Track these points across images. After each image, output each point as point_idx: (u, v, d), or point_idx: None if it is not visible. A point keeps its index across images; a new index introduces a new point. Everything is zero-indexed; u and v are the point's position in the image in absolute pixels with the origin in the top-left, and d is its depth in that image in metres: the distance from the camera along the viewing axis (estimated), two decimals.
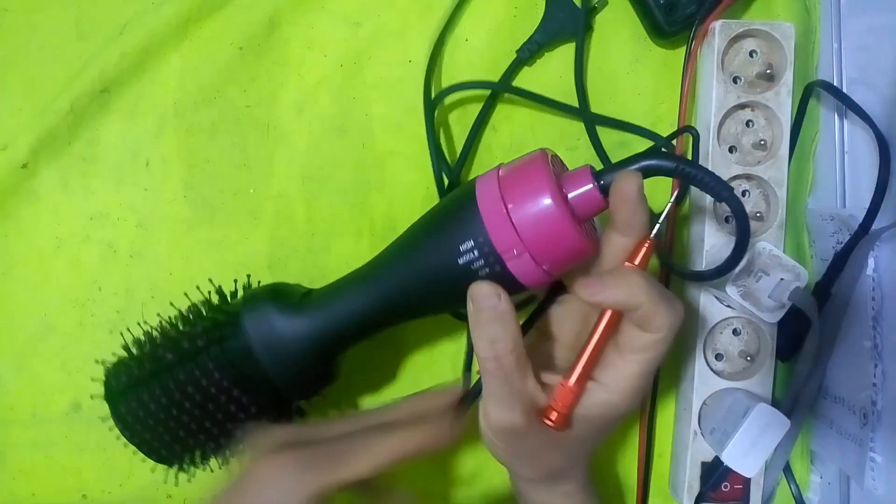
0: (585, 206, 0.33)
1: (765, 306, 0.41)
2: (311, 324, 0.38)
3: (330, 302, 0.39)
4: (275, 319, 0.38)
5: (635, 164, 0.33)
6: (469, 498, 0.50)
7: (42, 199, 0.47)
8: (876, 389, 0.43)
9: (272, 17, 0.48)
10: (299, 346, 0.38)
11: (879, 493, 0.43)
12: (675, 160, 0.33)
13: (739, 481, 0.46)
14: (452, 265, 0.35)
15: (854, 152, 0.48)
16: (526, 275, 0.34)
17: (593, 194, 0.33)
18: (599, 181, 0.33)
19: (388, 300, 0.38)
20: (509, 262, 0.34)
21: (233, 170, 0.48)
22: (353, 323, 0.38)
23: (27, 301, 0.47)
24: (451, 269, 0.35)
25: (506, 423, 0.34)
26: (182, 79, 0.48)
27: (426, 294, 0.37)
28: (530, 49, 0.48)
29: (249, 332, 0.38)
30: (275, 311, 0.38)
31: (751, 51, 0.46)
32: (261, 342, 0.38)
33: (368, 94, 0.49)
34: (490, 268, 0.34)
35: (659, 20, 0.47)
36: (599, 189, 0.33)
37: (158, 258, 0.48)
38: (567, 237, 0.33)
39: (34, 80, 0.47)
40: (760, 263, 0.41)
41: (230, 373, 0.37)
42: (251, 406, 0.38)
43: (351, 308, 0.38)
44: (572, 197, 0.33)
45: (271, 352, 0.38)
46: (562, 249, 0.33)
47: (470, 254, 0.34)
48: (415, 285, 0.37)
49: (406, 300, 0.38)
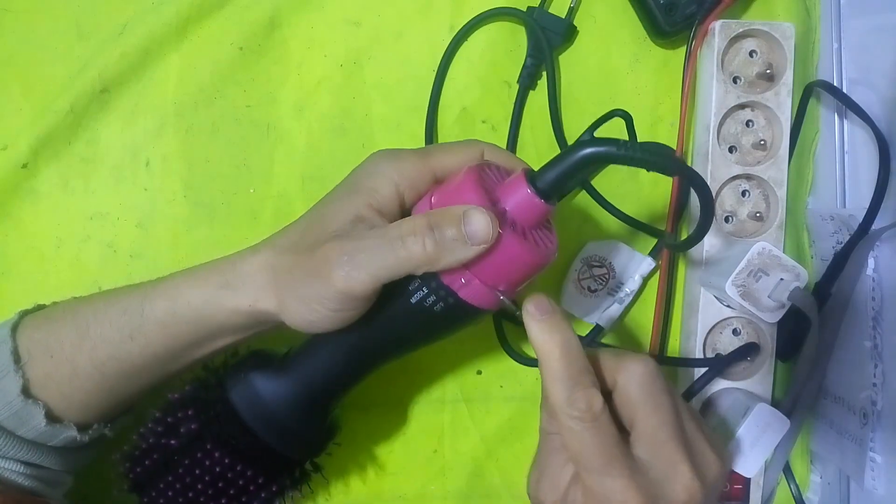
0: (527, 215, 0.32)
1: (764, 306, 0.41)
2: (293, 385, 0.38)
3: (304, 361, 0.38)
4: (259, 387, 0.37)
5: (572, 158, 0.31)
6: (469, 497, 0.50)
7: (42, 198, 0.47)
8: (876, 389, 0.43)
9: (272, 17, 0.48)
10: (288, 409, 0.37)
11: (879, 493, 0.43)
12: (612, 144, 0.30)
13: (739, 481, 0.46)
14: (407, 307, 0.34)
15: (854, 152, 0.48)
16: (483, 299, 0.33)
17: (532, 201, 0.31)
18: (536, 184, 0.31)
19: (357, 351, 0.37)
20: (460, 291, 0.33)
21: (233, 170, 0.48)
22: (331, 378, 0.38)
23: (27, 301, 0.47)
24: (408, 311, 0.34)
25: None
26: (182, 79, 0.48)
27: (394, 339, 0.37)
28: (529, 73, 0.48)
29: (238, 405, 0.37)
30: (258, 380, 0.38)
31: (751, 51, 0.46)
32: (251, 413, 0.37)
33: (368, 94, 0.49)
34: (443, 301, 0.33)
35: (659, 20, 0.47)
36: (538, 193, 0.31)
37: (158, 258, 0.48)
38: (511, 253, 0.31)
39: (34, 80, 0.47)
40: (760, 263, 0.41)
41: (230, 449, 0.37)
42: (258, 477, 0.38)
43: (325, 365, 0.38)
44: (511, 208, 0.32)
45: (263, 420, 0.37)
46: (510, 266, 0.32)
47: (420, 292, 0.33)
48: (379, 334, 0.36)
49: (376, 348, 0.37)
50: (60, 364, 0.37)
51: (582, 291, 0.48)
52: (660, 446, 0.32)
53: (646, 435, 0.32)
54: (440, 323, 0.35)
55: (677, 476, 0.32)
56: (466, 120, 0.49)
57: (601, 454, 0.32)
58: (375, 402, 0.48)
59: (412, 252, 0.31)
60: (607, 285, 0.48)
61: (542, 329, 0.32)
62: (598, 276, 0.48)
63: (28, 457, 0.38)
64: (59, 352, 0.37)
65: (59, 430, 0.38)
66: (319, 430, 0.39)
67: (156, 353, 0.38)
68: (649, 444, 0.32)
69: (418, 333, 0.36)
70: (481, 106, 0.49)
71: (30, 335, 0.38)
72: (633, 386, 0.33)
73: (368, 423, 0.48)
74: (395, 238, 0.32)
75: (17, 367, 0.37)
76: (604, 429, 0.32)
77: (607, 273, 0.48)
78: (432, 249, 0.31)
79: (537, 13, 0.48)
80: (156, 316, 0.37)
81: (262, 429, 0.37)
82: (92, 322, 0.38)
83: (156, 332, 0.37)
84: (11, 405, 0.36)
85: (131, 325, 0.37)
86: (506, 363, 0.49)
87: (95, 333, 0.37)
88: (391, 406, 0.49)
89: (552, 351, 0.32)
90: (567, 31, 0.48)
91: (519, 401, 0.50)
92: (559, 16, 0.48)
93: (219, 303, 0.36)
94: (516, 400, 0.50)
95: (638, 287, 0.48)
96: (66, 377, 0.37)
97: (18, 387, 0.36)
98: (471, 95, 0.49)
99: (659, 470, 0.32)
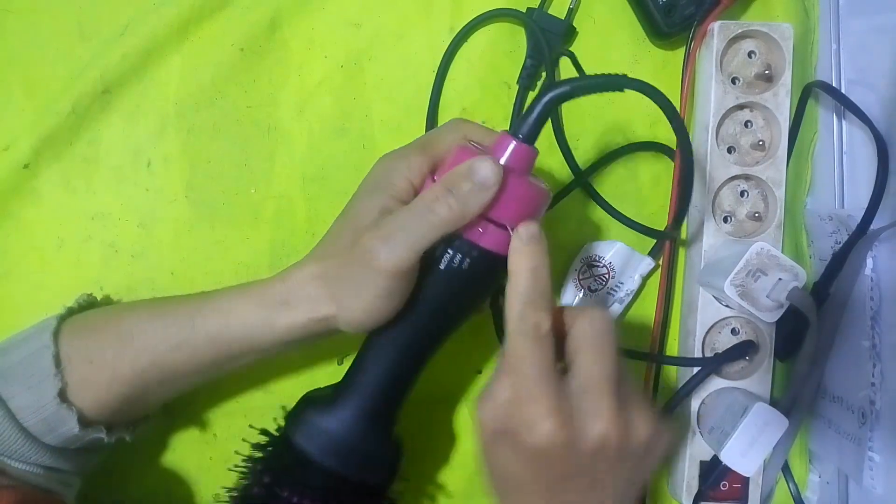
0: (519, 161, 0.36)
1: (763, 306, 0.41)
2: (352, 407, 0.38)
3: (354, 379, 0.39)
4: (320, 422, 0.38)
5: (538, 105, 0.35)
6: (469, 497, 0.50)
7: (44, 199, 0.48)
8: (874, 389, 0.43)
9: (273, 18, 0.48)
10: (353, 433, 0.37)
11: (878, 493, 0.43)
12: (568, 83, 0.35)
13: (738, 480, 0.46)
14: (439, 275, 0.36)
15: (852, 152, 0.48)
16: (503, 244, 0.36)
17: (520, 149, 0.36)
18: (518, 135, 0.36)
19: (403, 346, 0.38)
20: (480, 241, 0.36)
21: (234, 170, 0.48)
22: (385, 385, 0.38)
23: (29, 301, 0.47)
24: (441, 279, 0.36)
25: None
26: (183, 79, 0.48)
27: (435, 317, 0.38)
28: (529, 74, 0.48)
29: (304, 446, 0.37)
30: (316, 416, 0.38)
31: (749, 51, 0.47)
32: (319, 450, 0.37)
33: (369, 95, 0.49)
34: (469, 256, 0.36)
35: (658, 21, 0.47)
36: (523, 140, 0.36)
37: (160, 258, 0.48)
38: (515, 192, 0.35)
39: (36, 80, 0.48)
40: (759, 263, 0.41)
41: (310, 494, 0.37)
42: None
43: (375, 374, 0.38)
44: (505, 160, 0.36)
45: (333, 453, 0.37)
46: (517, 205, 0.36)
47: (446, 255, 0.36)
48: (421, 316, 0.37)
49: (419, 336, 0.38)
50: (100, 370, 0.38)
51: (582, 291, 0.48)
52: (591, 385, 0.33)
53: (582, 372, 0.34)
54: (472, 282, 0.37)
55: (599, 414, 0.33)
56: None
57: (534, 368, 0.33)
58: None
59: (441, 214, 0.35)
60: (607, 285, 0.48)
61: (521, 251, 0.35)
62: (598, 275, 0.48)
63: (49, 462, 0.38)
64: (99, 358, 0.38)
65: (87, 433, 0.38)
66: (385, 445, 0.39)
67: (201, 363, 0.39)
68: (583, 380, 0.34)
69: (455, 301, 0.38)
70: (481, 106, 0.49)
71: (69, 341, 0.39)
72: (584, 330, 0.35)
73: None
74: (422, 209, 0.35)
75: (57, 371, 0.37)
76: (544, 349, 0.34)
77: (607, 273, 0.48)
78: (456, 206, 0.35)
79: (537, 14, 0.48)
80: (207, 330, 0.38)
81: (335, 462, 0.37)
82: (136, 331, 0.39)
83: (204, 345, 0.38)
84: (44, 409, 0.37)
85: (179, 337, 0.38)
86: None
87: (140, 342, 0.38)
88: None
89: (522, 272, 0.35)
90: (566, 32, 0.48)
91: None
92: (559, 17, 0.48)
93: (274, 320, 0.38)
94: None
95: (637, 286, 0.48)
96: (104, 383, 0.38)
97: (55, 391, 0.37)
98: (471, 96, 0.49)
99: (583, 404, 0.33)
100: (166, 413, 0.47)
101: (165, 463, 0.48)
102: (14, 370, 0.38)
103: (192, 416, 0.48)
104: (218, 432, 0.48)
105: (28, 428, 0.37)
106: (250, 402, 0.49)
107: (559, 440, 0.32)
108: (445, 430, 0.50)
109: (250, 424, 0.41)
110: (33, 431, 0.37)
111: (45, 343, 0.38)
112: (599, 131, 0.49)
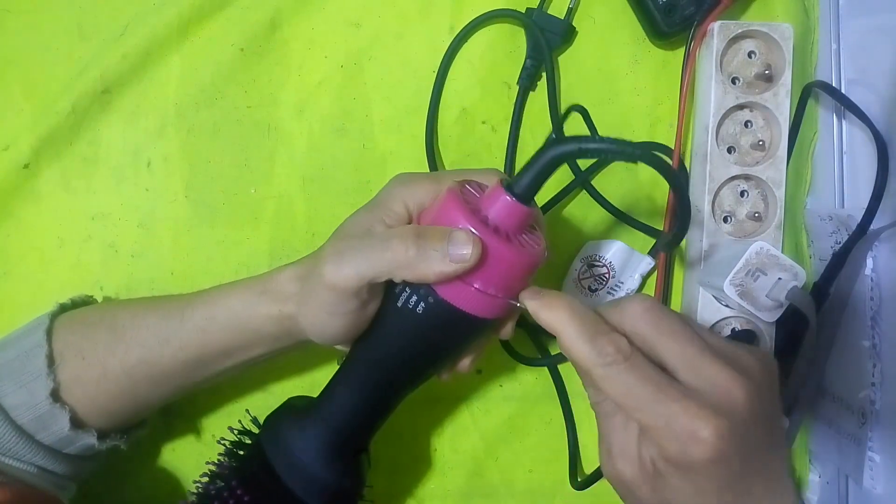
0: (508, 220, 0.33)
1: (762, 305, 0.41)
2: (319, 435, 0.38)
3: (325, 405, 0.39)
4: (290, 442, 0.38)
5: (542, 160, 0.32)
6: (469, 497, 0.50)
7: (44, 199, 0.48)
8: (874, 389, 0.43)
9: (273, 18, 0.48)
10: (316, 461, 0.37)
11: (878, 492, 0.43)
12: (576, 141, 0.31)
13: None
14: (395, 311, 0.35)
15: (852, 152, 0.48)
16: (464, 299, 0.34)
17: (511, 207, 0.33)
18: (514, 191, 0.33)
19: (365, 378, 0.38)
20: (439, 288, 0.34)
21: (234, 170, 0.48)
22: (352, 414, 0.38)
23: (29, 301, 0.47)
24: (396, 316, 0.35)
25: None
26: (183, 79, 0.48)
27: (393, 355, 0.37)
28: (529, 74, 0.48)
29: (273, 461, 0.37)
30: (288, 434, 0.38)
31: (749, 51, 0.47)
32: (285, 469, 0.37)
33: (369, 95, 0.49)
34: (423, 300, 0.34)
35: (658, 21, 0.47)
36: (516, 198, 0.33)
37: (160, 258, 0.48)
38: (496, 256, 0.33)
39: (36, 80, 0.48)
40: (758, 263, 0.41)
41: (263, 497, 0.37)
42: None
43: (343, 401, 0.38)
44: (493, 216, 0.33)
45: (297, 476, 0.37)
46: (497, 269, 0.33)
47: (404, 293, 0.35)
48: (380, 351, 0.37)
49: (381, 371, 0.38)
50: (91, 366, 0.38)
51: (582, 291, 0.48)
52: (695, 364, 0.32)
53: (676, 361, 0.32)
54: (430, 328, 0.35)
55: (724, 382, 0.31)
56: (466, 121, 0.49)
57: (648, 386, 0.31)
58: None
59: (395, 253, 0.33)
60: (607, 284, 0.48)
61: (543, 305, 0.33)
62: (598, 275, 0.48)
63: (43, 462, 0.38)
64: (91, 354, 0.38)
65: (79, 436, 0.38)
66: (346, 475, 0.39)
67: (187, 358, 0.39)
68: (684, 367, 0.32)
69: (416, 344, 0.36)
70: (481, 107, 0.49)
71: (64, 338, 0.39)
72: (641, 325, 0.33)
73: None
74: (382, 240, 0.34)
75: (50, 370, 0.38)
76: (641, 365, 0.32)
77: (607, 272, 0.48)
78: (413, 254, 0.33)
79: (536, 14, 0.48)
80: (195, 321, 0.38)
81: (293, 482, 0.37)
82: (129, 325, 0.39)
83: (192, 337, 0.38)
84: (38, 407, 0.37)
85: (169, 330, 0.39)
86: (506, 363, 0.49)
87: (131, 336, 0.39)
88: None
89: (561, 317, 0.33)
90: (566, 32, 0.48)
91: (519, 400, 0.50)
92: (558, 17, 0.48)
93: (255, 308, 0.38)
94: (516, 400, 0.50)
95: (637, 286, 0.48)
96: (94, 380, 0.38)
97: (48, 390, 0.37)
98: (471, 96, 0.49)
99: (706, 384, 0.31)
100: (165, 414, 0.47)
101: (164, 463, 0.48)
102: (7, 368, 0.38)
103: (191, 417, 0.48)
104: (217, 433, 0.48)
105: (22, 426, 0.37)
106: (249, 404, 0.49)
107: (723, 429, 0.30)
108: (445, 430, 0.50)
109: (236, 423, 0.41)
110: (27, 429, 0.37)
111: (37, 341, 0.38)
112: (599, 131, 0.49)
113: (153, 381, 0.39)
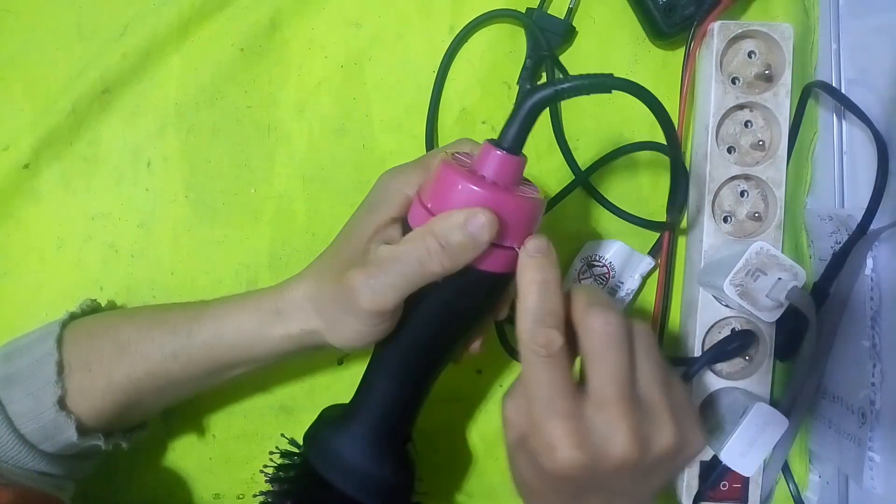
0: (506, 172, 0.35)
1: (763, 306, 0.41)
2: (364, 432, 0.38)
3: (364, 399, 0.39)
4: (337, 447, 0.38)
5: (523, 110, 0.33)
6: (469, 497, 0.50)
7: (44, 199, 0.48)
8: (874, 389, 0.43)
9: (273, 19, 0.48)
10: (368, 459, 0.38)
11: (878, 493, 0.43)
12: (551, 86, 0.33)
13: (738, 480, 0.46)
14: (430, 292, 0.35)
15: (852, 152, 0.48)
16: (492, 261, 0.35)
17: (504, 159, 0.34)
18: (503, 146, 0.34)
19: (406, 362, 0.38)
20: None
21: (234, 170, 0.48)
22: (394, 402, 0.38)
23: (29, 301, 0.48)
24: (432, 297, 0.35)
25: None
26: (183, 79, 0.48)
27: (431, 334, 0.37)
28: (529, 74, 0.48)
29: (324, 472, 0.37)
30: (333, 440, 0.38)
31: (749, 51, 0.47)
32: (338, 476, 0.37)
33: (368, 95, 0.49)
34: (460, 274, 0.34)
35: (658, 21, 0.47)
36: (507, 151, 0.34)
37: (160, 258, 0.48)
38: (504, 209, 0.34)
39: (36, 80, 0.48)
40: (758, 263, 0.41)
41: None
42: None
43: (383, 390, 0.38)
44: (490, 173, 0.35)
45: (350, 480, 0.37)
46: (507, 221, 0.34)
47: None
48: (416, 335, 0.37)
49: (415, 353, 0.38)
50: (97, 377, 0.38)
51: None
52: (603, 404, 0.32)
53: (592, 389, 0.33)
54: (454, 296, 0.36)
55: (615, 437, 0.32)
56: (466, 121, 0.49)
57: (548, 388, 0.33)
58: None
59: (432, 269, 0.34)
60: (607, 284, 0.48)
61: (529, 266, 0.34)
62: (598, 275, 0.48)
63: (44, 468, 0.39)
64: (97, 366, 0.38)
65: (85, 441, 0.38)
66: (399, 465, 0.39)
67: (196, 372, 0.39)
68: (594, 398, 0.33)
69: (451, 317, 0.37)
70: (481, 107, 0.49)
71: (70, 349, 0.39)
72: (588, 340, 0.34)
73: None
74: (412, 260, 0.34)
75: (59, 378, 0.38)
76: (557, 368, 0.33)
77: (607, 272, 0.48)
78: (448, 263, 0.34)
79: (536, 14, 0.48)
80: (202, 338, 0.38)
81: (348, 487, 0.37)
82: (134, 339, 0.39)
83: (200, 354, 0.39)
84: (42, 417, 0.37)
85: (175, 345, 0.38)
86: (506, 363, 0.49)
87: (136, 350, 0.39)
88: None
89: (530, 287, 0.34)
90: (566, 32, 0.48)
91: None
92: (558, 17, 0.48)
93: (269, 329, 0.38)
94: None
95: (637, 286, 0.48)
96: (100, 390, 0.38)
97: (55, 397, 0.37)
98: (471, 96, 0.49)
99: (600, 426, 0.32)
100: (166, 414, 0.47)
101: (165, 463, 0.48)
102: (17, 376, 0.38)
103: (192, 416, 0.48)
104: (217, 433, 0.48)
105: (25, 435, 0.37)
106: (250, 403, 0.49)
107: (577, 464, 0.31)
108: (446, 430, 0.50)
109: (274, 447, 0.41)
110: (30, 438, 0.37)
111: (48, 350, 0.38)
112: (599, 131, 0.49)
113: (159, 392, 0.40)
